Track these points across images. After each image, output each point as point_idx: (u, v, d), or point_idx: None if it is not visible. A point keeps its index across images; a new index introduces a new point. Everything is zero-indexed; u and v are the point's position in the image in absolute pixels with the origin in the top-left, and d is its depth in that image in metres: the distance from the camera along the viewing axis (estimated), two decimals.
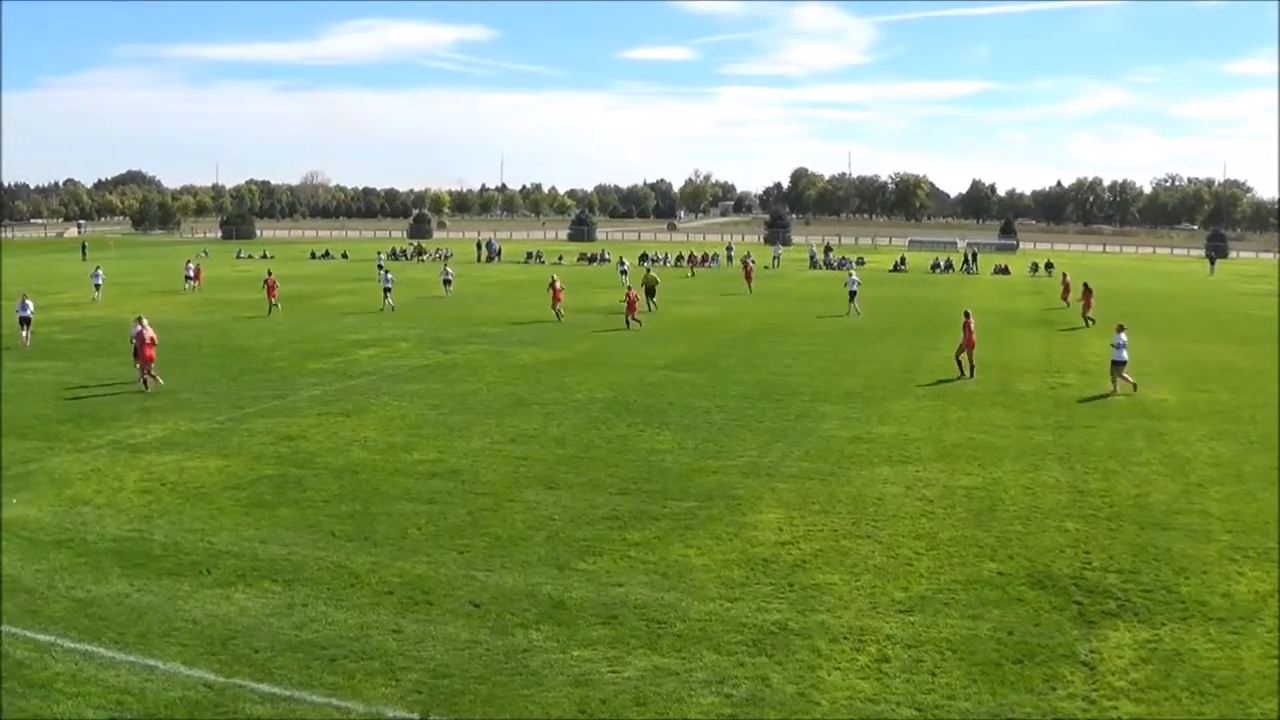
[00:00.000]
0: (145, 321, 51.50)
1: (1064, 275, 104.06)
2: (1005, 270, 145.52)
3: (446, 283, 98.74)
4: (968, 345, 54.41)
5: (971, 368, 54.36)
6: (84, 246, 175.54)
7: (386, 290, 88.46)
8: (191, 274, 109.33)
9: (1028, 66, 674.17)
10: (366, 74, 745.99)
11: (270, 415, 44.12)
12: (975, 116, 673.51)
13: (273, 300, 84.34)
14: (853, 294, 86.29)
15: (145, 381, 49.90)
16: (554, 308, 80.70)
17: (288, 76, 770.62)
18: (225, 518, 30.16)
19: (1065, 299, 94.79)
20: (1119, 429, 42.23)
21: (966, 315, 55.47)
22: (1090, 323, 77.20)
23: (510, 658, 21.08)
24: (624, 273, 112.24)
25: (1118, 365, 50.16)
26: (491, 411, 45.03)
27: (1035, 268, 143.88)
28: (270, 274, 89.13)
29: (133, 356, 51.24)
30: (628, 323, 74.38)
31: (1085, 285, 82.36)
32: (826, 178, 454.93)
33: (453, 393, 49.32)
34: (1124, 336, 50.48)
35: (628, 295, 76.41)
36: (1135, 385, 49.81)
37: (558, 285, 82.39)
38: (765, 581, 25.45)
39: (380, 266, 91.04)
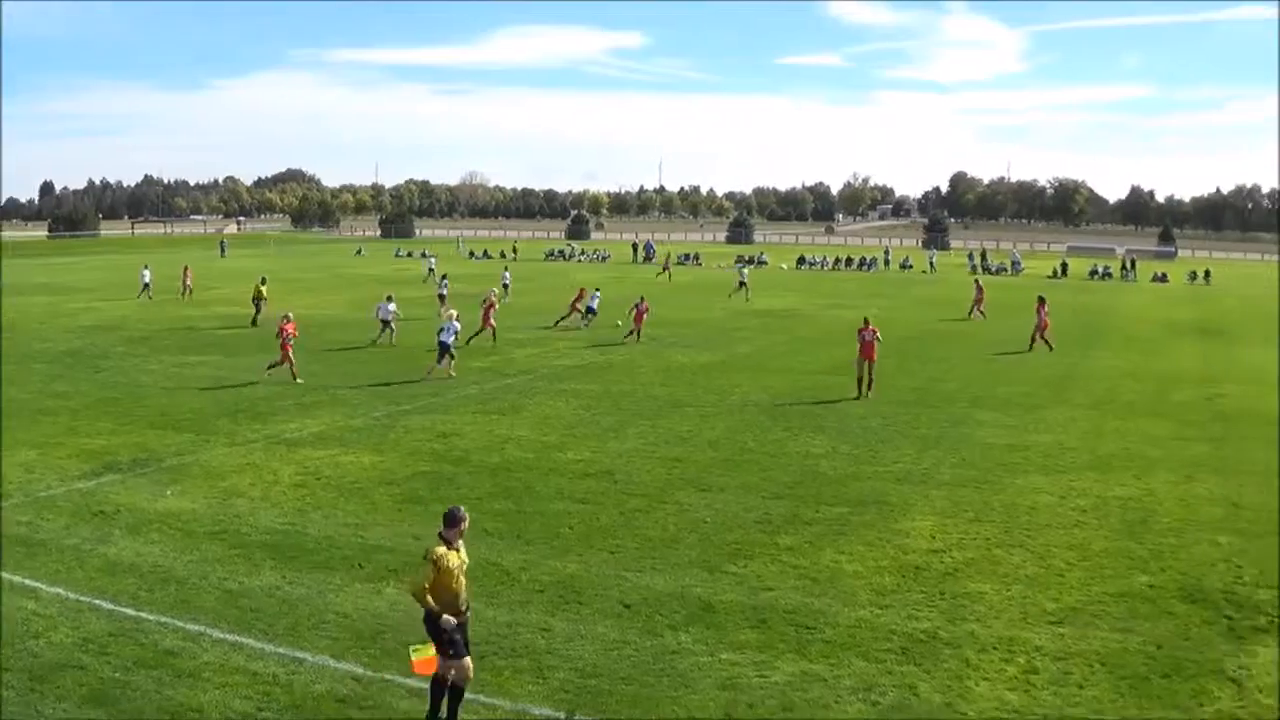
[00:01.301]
0: (291, 316, 53.47)
1: (976, 281, 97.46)
2: (1163, 278, 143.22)
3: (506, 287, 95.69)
4: (865, 356, 50.11)
5: (870, 382, 50.23)
6: (222, 244, 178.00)
7: (385, 322, 66.29)
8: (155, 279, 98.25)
9: (1186, 73, 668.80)
10: (526, 77, 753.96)
11: (426, 412, 44.57)
12: (1135, 122, 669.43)
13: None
14: (742, 283, 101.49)
15: (291, 373, 51.34)
16: (485, 328, 65.95)
17: (449, 80, 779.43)
18: (379, 513, 30.48)
19: (979, 309, 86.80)
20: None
21: (866, 322, 51.20)
22: (1038, 344, 67.00)
23: (658, 659, 21.12)
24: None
25: None
26: (646, 412, 45.22)
27: (1194, 276, 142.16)
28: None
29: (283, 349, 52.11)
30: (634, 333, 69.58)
31: (1040, 298, 69.70)
32: (985, 182, 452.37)
33: (608, 393, 49.61)
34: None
35: (638, 307, 70.75)
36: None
37: (493, 302, 68.96)
38: (916, 589, 25.33)
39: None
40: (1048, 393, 51.59)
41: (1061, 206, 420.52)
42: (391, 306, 65.85)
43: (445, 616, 17.69)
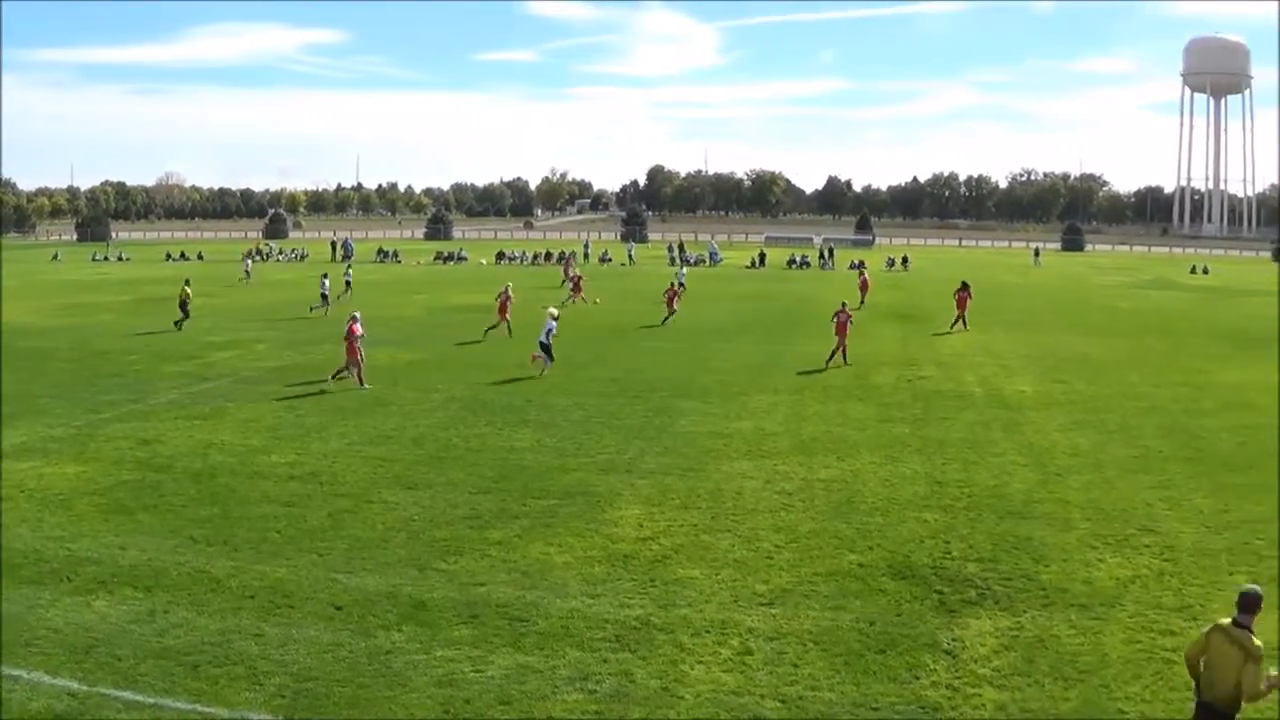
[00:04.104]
0: (358, 317, 52.44)
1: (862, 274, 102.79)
2: (862, 265, 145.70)
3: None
4: (839, 334, 57.32)
5: (842, 355, 57.12)
6: None
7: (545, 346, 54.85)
8: None
9: (881, 67, 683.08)
10: (223, 75, 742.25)
11: (127, 420, 43.66)
12: (831, 115, 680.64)
13: None
14: (680, 284, 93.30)
15: (359, 379, 50.90)
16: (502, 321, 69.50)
17: (144, 79, 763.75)
18: (84, 524, 29.86)
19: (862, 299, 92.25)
20: (976, 420, 42.87)
21: (842, 305, 59.30)
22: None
23: (373, 659, 21.13)
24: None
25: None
26: (349, 412, 44.91)
27: (891, 263, 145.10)
28: None
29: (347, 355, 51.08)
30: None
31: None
32: (683, 175, 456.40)
33: (310, 394, 49.25)
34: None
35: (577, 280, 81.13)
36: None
37: (509, 296, 70.70)
38: (627, 577, 25.67)
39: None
40: (748, 380, 52.35)
41: (759, 198, 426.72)
42: (554, 311, 57.93)
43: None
